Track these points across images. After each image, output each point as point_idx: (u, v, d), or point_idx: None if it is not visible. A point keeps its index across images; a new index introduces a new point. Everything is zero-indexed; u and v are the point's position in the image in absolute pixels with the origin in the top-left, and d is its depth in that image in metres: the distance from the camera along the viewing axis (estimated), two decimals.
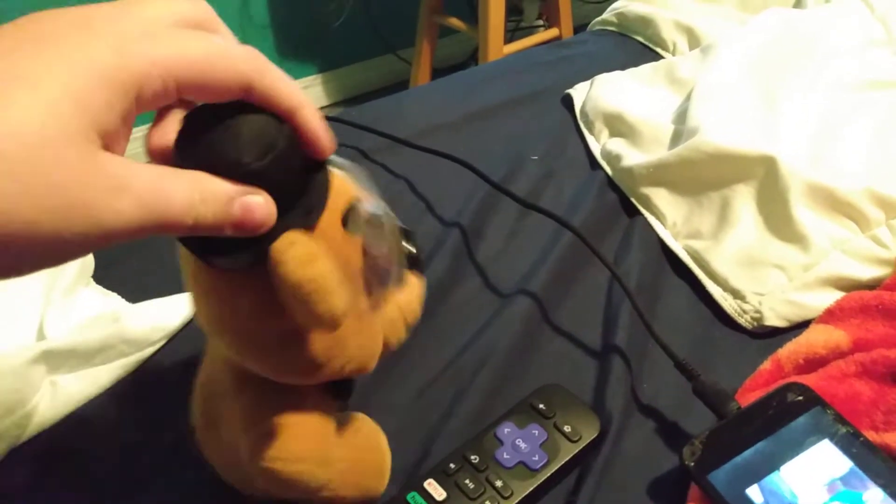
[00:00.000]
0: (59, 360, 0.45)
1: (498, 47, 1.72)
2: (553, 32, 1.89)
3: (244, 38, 1.92)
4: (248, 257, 0.27)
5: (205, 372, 0.38)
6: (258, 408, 0.33)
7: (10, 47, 0.22)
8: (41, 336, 0.47)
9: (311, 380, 0.33)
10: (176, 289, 0.51)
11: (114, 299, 0.52)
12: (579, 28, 1.15)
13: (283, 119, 0.26)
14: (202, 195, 0.24)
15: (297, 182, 0.28)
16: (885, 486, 0.34)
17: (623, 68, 0.75)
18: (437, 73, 1.90)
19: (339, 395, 0.36)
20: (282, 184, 0.26)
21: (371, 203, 0.32)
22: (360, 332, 0.33)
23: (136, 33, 0.24)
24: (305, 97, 0.27)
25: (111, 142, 0.23)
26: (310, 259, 0.26)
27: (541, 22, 2.13)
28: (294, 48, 2.03)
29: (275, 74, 0.26)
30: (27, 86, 0.21)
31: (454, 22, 1.81)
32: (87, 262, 0.53)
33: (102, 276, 0.53)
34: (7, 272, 0.22)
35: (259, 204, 0.26)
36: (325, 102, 2.11)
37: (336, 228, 0.30)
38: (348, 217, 0.30)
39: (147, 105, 0.24)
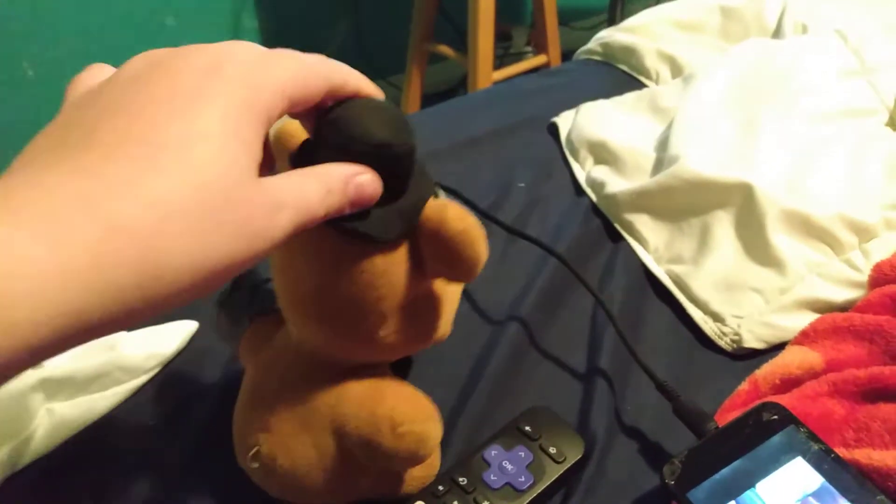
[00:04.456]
0: (56, 387, 0.46)
1: (487, 73, 1.75)
2: (541, 59, 1.92)
3: None
4: (400, 227, 0.32)
5: (261, 395, 0.40)
6: (374, 390, 0.38)
7: (163, 98, 0.24)
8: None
9: (425, 344, 0.39)
10: (170, 316, 0.52)
11: None
12: (567, 54, 1.17)
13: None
14: (328, 186, 0.28)
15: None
16: (854, 501, 0.35)
17: (608, 97, 0.77)
18: (426, 98, 1.93)
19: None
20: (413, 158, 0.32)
21: None
22: (456, 296, 0.39)
23: (254, 65, 0.26)
24: (358, 73, 0.31)
25: (258, 165, 0.26)
26: (465, 214, 0.32)
27: (529, 48, 2.17)
28: None
29: (343, 70, 0.30)
30: (201, 139, 0.24)
31: (444, 49, 1.84)
32: None
33: None
34: (192, 299, 0.24)
35: (368, 180, 0.29)
36: None
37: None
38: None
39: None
